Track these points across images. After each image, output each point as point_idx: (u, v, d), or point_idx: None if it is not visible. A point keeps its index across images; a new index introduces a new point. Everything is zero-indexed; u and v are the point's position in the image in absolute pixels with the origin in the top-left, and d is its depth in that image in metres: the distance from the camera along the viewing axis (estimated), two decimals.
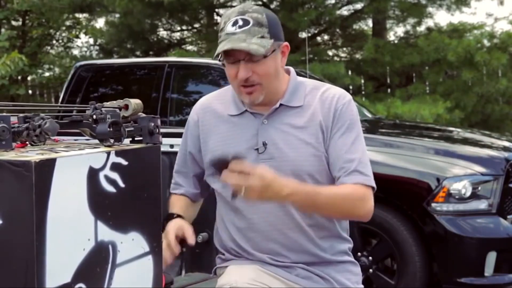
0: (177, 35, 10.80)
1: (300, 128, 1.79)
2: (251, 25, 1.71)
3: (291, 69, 1.89)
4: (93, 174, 1.36)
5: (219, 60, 1.78)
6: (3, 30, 11.99)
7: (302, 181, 1.74)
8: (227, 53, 1.72)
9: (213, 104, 1.89)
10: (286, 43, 1.82)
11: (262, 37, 1.71)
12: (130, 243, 1.47)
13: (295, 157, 1.76)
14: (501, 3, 9.57)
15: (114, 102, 1.65)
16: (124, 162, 1.45)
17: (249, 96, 1.76)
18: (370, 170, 1.78)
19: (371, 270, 3.62)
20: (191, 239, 1.79)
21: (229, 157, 1.57)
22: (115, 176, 1.42)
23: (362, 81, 8.94)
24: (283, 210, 1.77)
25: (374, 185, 1.78)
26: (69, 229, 1.30)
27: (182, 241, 1.81)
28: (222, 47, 1.70)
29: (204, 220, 1.93)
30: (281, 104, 1.81)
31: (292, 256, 1.80)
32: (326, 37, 10.47)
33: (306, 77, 1.96)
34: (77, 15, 11.88)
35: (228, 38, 1.70)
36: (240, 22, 1.71)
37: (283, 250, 1.79)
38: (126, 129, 1.54)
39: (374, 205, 1.80)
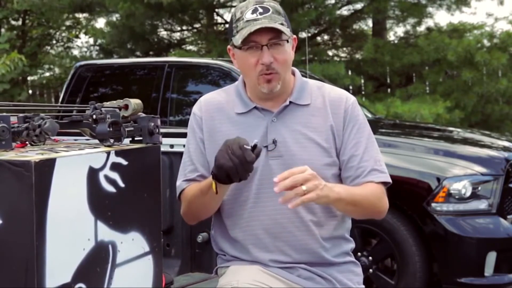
0: (177, 35, 10.79)
1: (310, 128, 1.81)
2: (271, 12, 1.74)
3: (295, 69, 1.90)
4: (93, 174, 1.36)
5: (239, 48, 1.76)
6: (3, 30, 11.99)
7: None
8: (248, 40, 1.73)
9: (218, 101, 1.88)
10: (295, 36, 1.85)
11: (282, 24, 1.74)
12: (130, 243, 1.47)
13: (305, 156, 1.77)
14: (501, 3, 9.56)
15: (114, 102, 1.65)
16: (124, 162, 1.45)
17: (268, 84, 1.77)
18: (385, 166, 1.83)
19: (371, 270, 3.62)
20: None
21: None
22: (115, 176, 1.42)
23: (362, 81, 8.94)
24: (290, 208, 1.77)
25: (390, 180, 1.83)
26: (69, 229, 1.30)
27: None
28: (249, 29, 1.70)
29: (204, 220, 1.93)
30: (290, 102, 1.82)
31: (296, 255, 1.80)
32: (326, 37, 10.45)
33: (306, 77, 1.97)
34: (77, 15, 11.87)
35: (251, 24, 1.72)
36: (260, 10, 1.74)
37: (287, 249, 1.80)
38: (126, 129, 1.54)
39: None
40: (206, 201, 1.77)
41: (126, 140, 1.57)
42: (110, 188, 1.41)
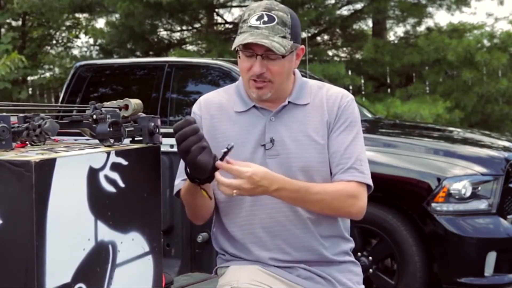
0: (177, 35, 10.79)
1: (308, 126, 1.81)
2: (276, 23, 1.73)
3: (296, 70, 1.90)
4: (93, 174, 1.36)
5: (236, 51, 1.78)
6: (3, 30, 11.98)
7: (310, 178, 1.77)
8: (246, 46, 1.73)
9: (218, 100, 1.89)
10: (302, 46, 1.84)
11: (284, 37, 1.73)
12: (130, 243, 1.47)
13: (301, 154, 1.77)
14: (501, 3, 9.56)
15: (114, 102, 1.65)
16: (124, 162, 1.45)
17: (258, 90, 1.78)
18: (367, 168, 1.81)
19: (371, 270, 3.62)
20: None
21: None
22: (115, 176, 1.42)
23: (362, 81, 8.94)
24: (288, 206, 1.78)
25: (370, 183, 1.80)
26: (69, 229, 1.30)
27: None
28: (244, 39, 1.71)
29: None
30: (289, 102, 1.83)
31: (295, 253, 1.80)
32: (326, 37, 10.46)
33: (306, 77, 1.97)
34: (77, 15, 11.86)
35: (251, 31, 1.72)
36: (265, 18, 1.73)
37: (287, 247, 1.80)
38: (126, 129, 1.53)
39: (374, 205, 1.82)
40: (198, 201, 1.78)
41: (126, 140, 1.57)
42: (110, 188, 1.41)
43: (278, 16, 1.74)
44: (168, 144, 2.78)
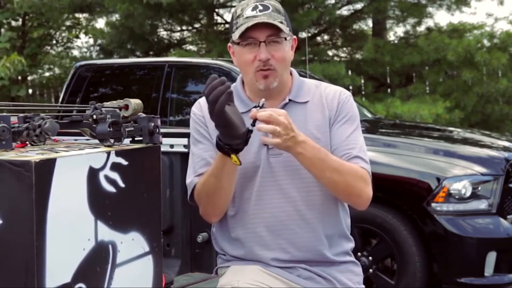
0: (177, 35, 10.79)
1: (309, 124, 1.81)
2: (271, 10, 1.76)
3: (292, 69, 1.91)
4: (93, 174, 1.36)
5: (238, 44, 1.78)
6: (3, 30, 11.98)
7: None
8: (246, 36, 1.74)
9: None
10: (295, 36, 1.86)
11: (281, 22, 1.75)
12: (130, 243, 1.47)
13: None
14: (501, 3, 9.56)
15: (114, 102, 1.65)
16: (124, 162, 1.45)
17: (265, 80, 1.77)
18: (368, 158, 1.82)
19: (371, 270, 3.62)
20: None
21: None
22: (115, 176, 1.42)
23: (362, 81, 8.94)
24: (292, 206, 1.78)
25: (370, 173, 1.81)
26: (69, 229, 1.30)
27: None
28: (247, 24, 1.72)
29: (204, 220, 1.93)
30: (289, 100, 1.83)
31: (297, 253, 1.80)
32: (326, 37, 10.46)
33: (306, 77, 1.98)
34: (77, 15, 11.87)
35: (250, 20, 1.73)
36: (260, 7, 1.76)
37: (289, 247, 1.80)
38: (126, 129, 1.53)
39: (374, 205, 1.82)
40: (223, 183, 1.74)
41: (126, 140, 1.57)
42: (110, 188, 1.40)
43: (271, 4, 1.78)
44: (168, 144, 2.79)
